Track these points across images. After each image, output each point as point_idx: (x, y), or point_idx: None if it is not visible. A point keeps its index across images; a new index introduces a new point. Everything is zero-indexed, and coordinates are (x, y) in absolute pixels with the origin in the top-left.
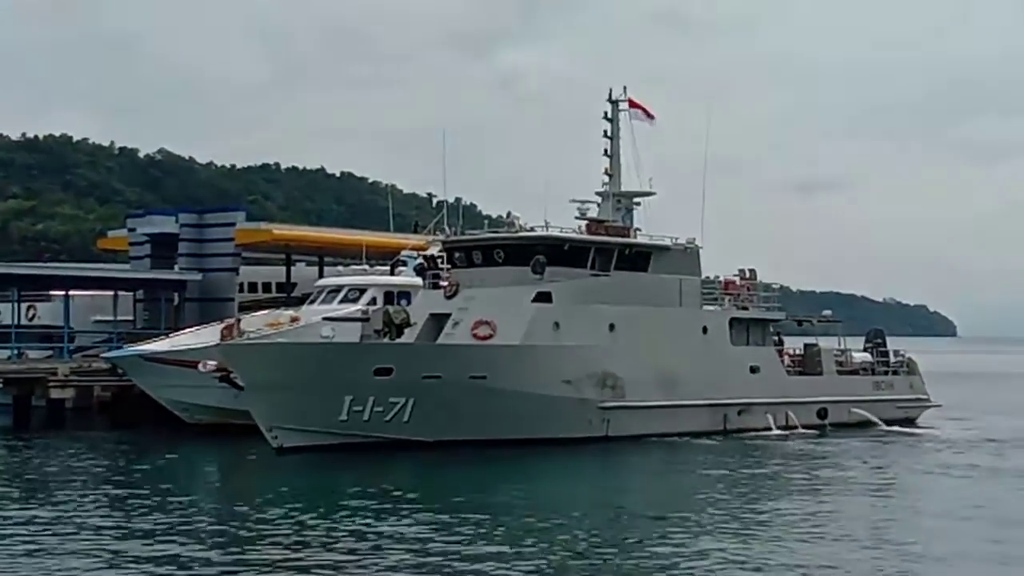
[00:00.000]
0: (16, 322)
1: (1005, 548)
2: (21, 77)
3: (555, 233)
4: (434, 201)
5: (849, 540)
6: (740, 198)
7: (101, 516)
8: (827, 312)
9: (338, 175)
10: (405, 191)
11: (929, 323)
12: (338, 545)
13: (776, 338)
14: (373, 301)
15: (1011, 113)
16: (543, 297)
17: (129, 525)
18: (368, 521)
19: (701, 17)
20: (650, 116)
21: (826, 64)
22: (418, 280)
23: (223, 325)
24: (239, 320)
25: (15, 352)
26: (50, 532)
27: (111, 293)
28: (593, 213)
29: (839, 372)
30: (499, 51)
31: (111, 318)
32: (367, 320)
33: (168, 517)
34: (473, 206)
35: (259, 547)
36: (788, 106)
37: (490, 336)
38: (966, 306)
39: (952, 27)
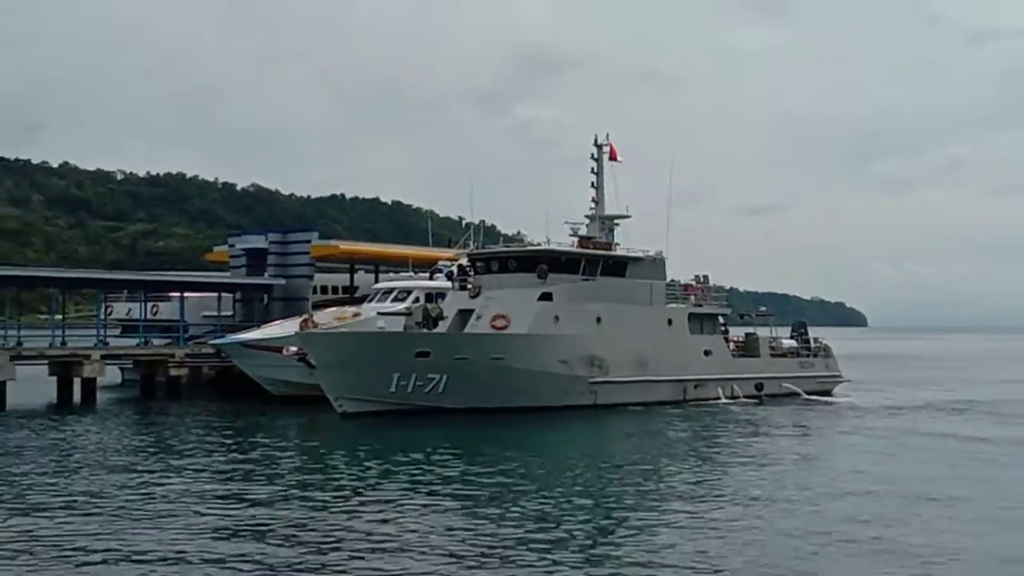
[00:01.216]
0: (144, 317)
1: (886, 470)
2: (144, 127)
3: (554, 247)
4: (463, 223)
5: (778, 475)
6: (699, 220)
7: (209, 460)
8: (763, 308)
9: (389, 203)
10: (441, 215)
11: (846, 316)
12: (387, 484)
13: (723, 328)
14: (416, 300)
15: (914, 155)
16: (546, 297)
17: (230, 467)
18: (410, 468)
19: (674, 75)
20: (614, 157)
21: (770, 113)
22: (450, 284)
23: (301, 319)
24: (313, 315)
25: (143, 340)
26: (174, 470)
27: (216, 295)
28: (583, 231)
29: (772, 355)
30: (514, 106)
31: (216, 314)
32: (411, 315)
33: (257, 465)
34: (493, 226)
35: (326, 485)
36: (739, 147)
37: (505, 327)
38: (876, 303)
39: (870, 85)
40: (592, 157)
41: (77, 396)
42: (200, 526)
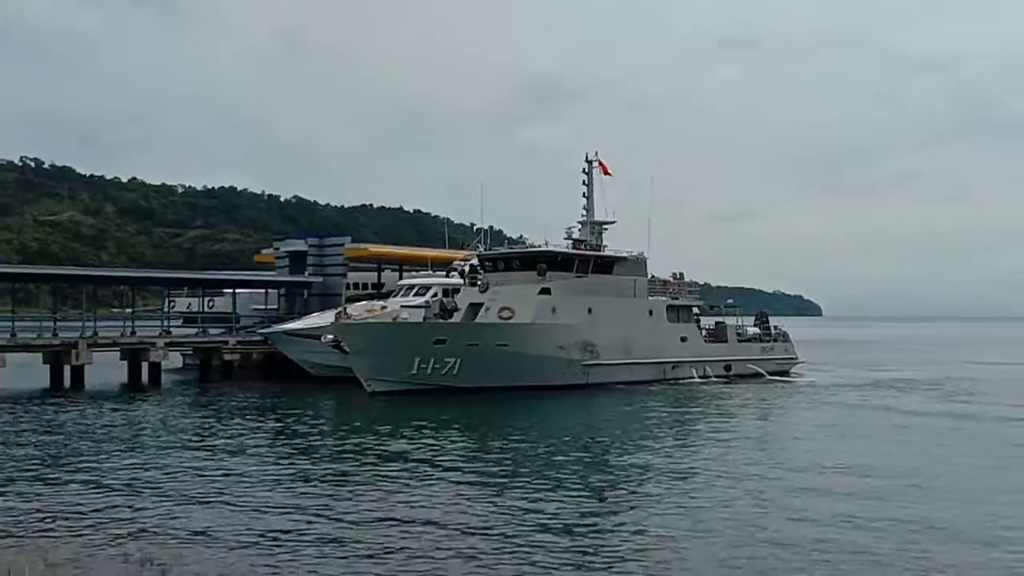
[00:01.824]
0: (201, 310)
1: (834, 435)
2: (202, 148)
3: (552, 249)
4: (474, 228)
5: (742, 439)
6: (678, 224)
7: (258, 430)
8: (731, 300)
9: (411, 211)
10: (455, 221)
11: (803, 307)
12: (409, 450)
13: (697, 318)
14: (435, 295)
15: (868, 168)
16: (545, 291)
17: (275, 437)
18: (429, 437)
19: (659, 103)
20: (607, 173)
21: (741, 134)
22: (463, 281)
23: (336, 311)
24: (346, 308)
25: (201, 330)
26: (227, 439)
27: (263, 290)
28: (576, 235)
29: (739, 340)
30: (519, 129)
31: (263, 307)
32: (430, 307)
33: (298, 435)
34: (500, 231)
35: (357, 451)
36: (714, 163)
37: (510, 317)
38: (830, 296)
39: (828, 108)
40: (583, 172)
41: (145, 378)
42: (251, 483)
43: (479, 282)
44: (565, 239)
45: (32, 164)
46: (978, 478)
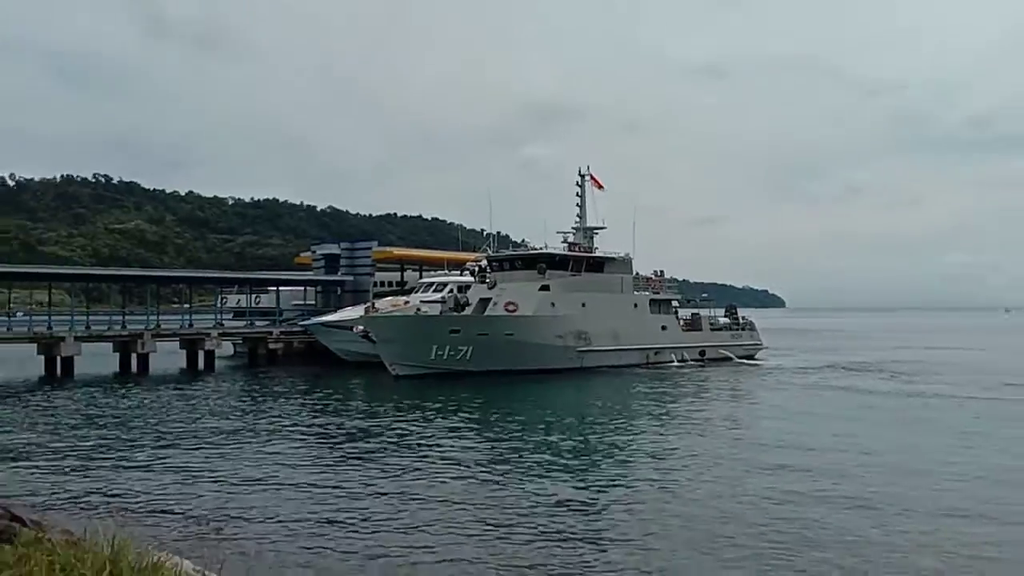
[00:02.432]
0: (249, 305)
1: (795, 408)
2: (249, 165)
3: (551, 251)
4: (484, 233)
5: (715, 411)
6: (660, 229)
7: (298, 407)
8: (705, 295)
9: (430, 219)
10: (468, 227)
11: (769, 300)
12: (428, 423)
13: (675, 310)
14: (450, 291)
15: (823, 179)
16: (545, 288)
17: (314, 412)
18: (445, 412)
19: (646, 123)
20: (599, 186)
21: (716, 149)
22: (474, 279)
23: (365, 306)
24: (374, 303)
25: (249, 322)
26: (272, 414)
27: (302, 288)
28: (571, 239)
29: (711, 329)
30: (523, 146)
31: (303, 302)
32: (445, 302)
33: (333, 410)
34: (507, 236)
35: (383, 423)
36: (692, 174)
37: (515, 310)
38: (793, 290)
39: (788, 127)
40: (577, 184)
41: (201, 364)
42: (294, 450)
43: (488, 280)
44: (562, 242)
45: (103, 180)
46: (922, 451)
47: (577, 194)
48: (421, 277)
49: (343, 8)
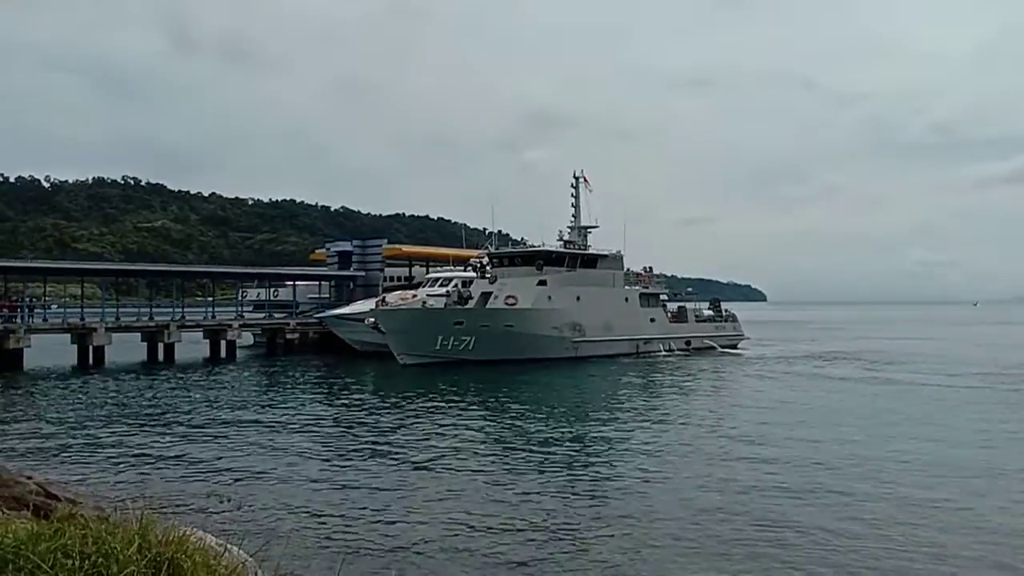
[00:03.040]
0: (268, 299)
1: (775, 394)
2: (269, 168)
3: (548, 248)
4: (486, 232)
5: (700, 397)
6: (649, 228)
7: (314, 391)
8: (690, 289)
9: (436, 218)
10: (471, 226)
11: (752, 294)
12: (434, 407)
13: (663, 303)
14: (455, 286)
15: (800, 182)
16: (542, 283)
17: (328, 396)
18: (449, 397)
19: (636, 130)
20: (588, 184)
21: (701, 154)
22: (476, 274)
23: (376, 299)
24: (385, 297)
25: (267, 314)
26: (290, 398)
27: (317, 283)
28: (567, 237)
29: (696, 320)
30: (522, 151)
31: (318, 296)
32: (450, 296)
33: (346, 395)
34: (507, 234)
35: (392, 407)
36: (679, 177)
37: (514, 304)
38: (773, 285)
39: (767, 133)
40: (572, 186)
41: (223, 353)
42: (310, 430)
43: (489, 275)
44: (558, 240)
45: (132, 181)
46: (890, 430)
47: (572, 195)
48: (428, 273)
49: (359, 24)
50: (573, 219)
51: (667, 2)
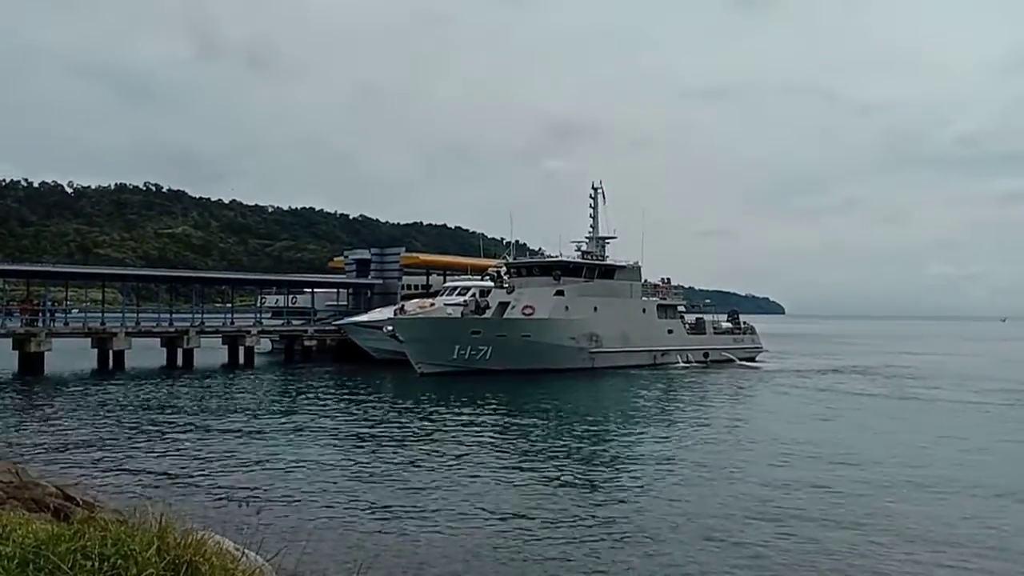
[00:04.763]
0: (286, 305)
1: (792, 408)
2: (288, 177)
3: (565, 259)
4: (504, 241)
5: (719, 407)
6: (667, 240)
7: (331, 399)
8: (708, 301)
9: (454, 227)
10: (488, 236)
11: (770, 307)
12: (451, 416)
13: (681, 314)
14: (472, 295)
15: (820, 194)
16: (560, 293)
17: (345, 404)
18: (466, 407)
19: (654, 140)
20: (604, 201)
21: (720, 165)
22: (494, 284)
23: (395, 307)
24: (403, 305)
25: (286, 321)
26: (307, 405)
27: (336, 290)
28: (584, 247)
29: (715, 332)
30: (543, 161)
31: (336, 303)
32: (467, 305)
33: (363, 403)
34: (524, 244)
35: (409, 415)
36: (697, 189)
37: (531, 313)
38: (792, 297)
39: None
40: (590, 196)
41: (241, 359)
42: (327, 437)
43: (507, 285)
44: (575, 251)
45: (154, 188)
46: (909, 446)
47: (590, 206)
48: (445, 281)
49: (384, 31)
50: (591, 230)
51: (688, 13)
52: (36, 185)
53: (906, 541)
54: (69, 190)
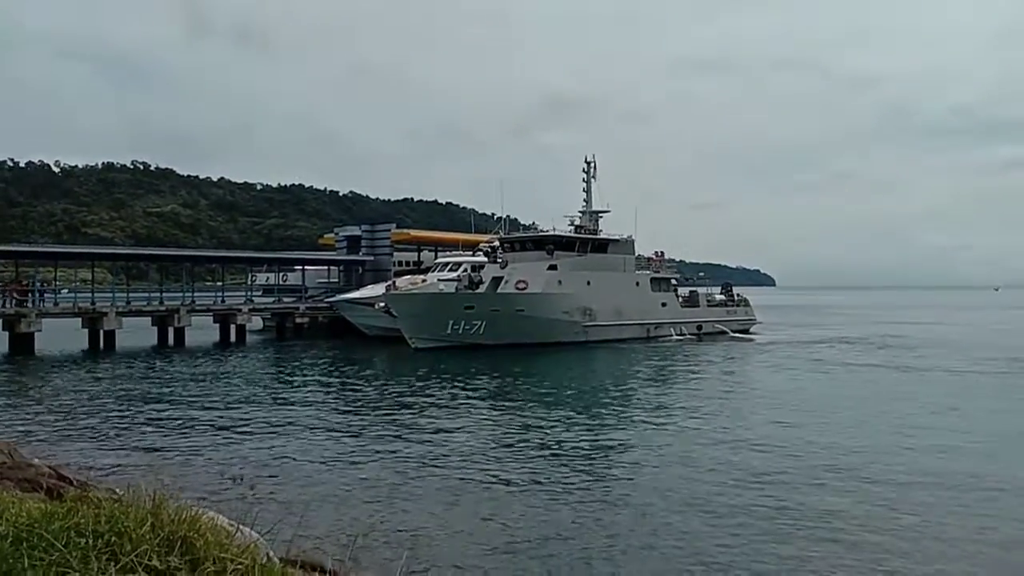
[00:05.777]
0: (277, 283)
1: (786, 378)
2: (278, 153)
3: (558, 233)
4: (495, 216)
5: (711, 381)
6: (661, 212)
7: (324, 376)
8: (701, 274)
9: (444, 203)
10: (480, 211)
11: (761, 279)
12: (445, 390)
13: (674, 287)
14: (464, 270)
15: (813, 168)
16: (553, 267)
17: (338, 380)
18: (460, 381)
19: (649, 113)
20: (593, 177)
21: (714, 138)
22: (487, 259)
23: (386, 284)
24: (394, 281)
25: (277, 299)
26: (301, 381)
27: (326, 267)
28: (577, 221)
29: (708, 305)
30: (537, 135)
31: (327, 280)
32: (460, 280)
33: (356, 379)
34: (516, 219)
35: (403, 390)
36: (692, 161)
37: (525, 288)
38: (783, 269)
39: (783, 117)
40: (583, 170)
41: (233, 337)
42: (321, 413)
43: (500, 260)
44: (568, 225)
45: (141, 166)
46: (892, 415)
47: (583, 180)
48: (436, 257)
49: (372, 7)
50: (584, 203)
51: None
52: (23, 165)
53: (899, 503)
54: (56, 169)
